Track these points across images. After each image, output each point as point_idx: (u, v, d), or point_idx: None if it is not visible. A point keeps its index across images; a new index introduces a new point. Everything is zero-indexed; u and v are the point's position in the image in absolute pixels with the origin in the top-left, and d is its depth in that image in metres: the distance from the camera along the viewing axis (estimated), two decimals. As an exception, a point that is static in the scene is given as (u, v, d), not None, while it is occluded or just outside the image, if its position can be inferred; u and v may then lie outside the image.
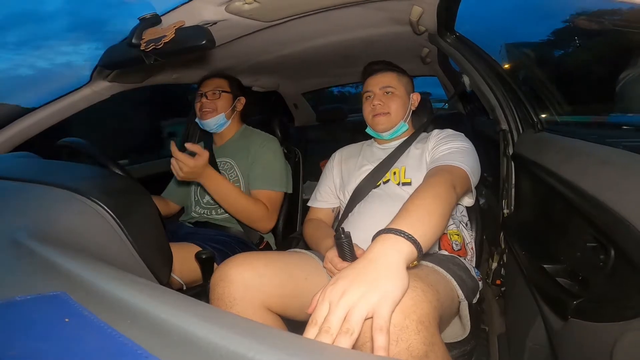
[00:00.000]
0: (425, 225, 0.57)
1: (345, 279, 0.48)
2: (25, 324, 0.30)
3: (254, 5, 0.87)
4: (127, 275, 0.38)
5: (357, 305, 0.45)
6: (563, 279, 0.64)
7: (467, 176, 0.83)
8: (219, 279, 0.74)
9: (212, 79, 1.33)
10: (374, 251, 0.52)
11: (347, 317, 0.44)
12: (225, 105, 1.30)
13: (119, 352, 0.26)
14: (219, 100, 1.28)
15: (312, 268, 0.87)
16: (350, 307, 0.45)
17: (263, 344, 0.25)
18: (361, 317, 0.44)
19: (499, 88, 1.06)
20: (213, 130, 1.32)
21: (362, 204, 0.99)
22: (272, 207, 1.23)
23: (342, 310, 0.44)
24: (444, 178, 0.75)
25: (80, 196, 0.53)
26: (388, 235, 0.54)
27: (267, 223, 1.22)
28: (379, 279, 0.48)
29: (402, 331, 0.50)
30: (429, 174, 0.82)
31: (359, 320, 0.44)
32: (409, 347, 0.50)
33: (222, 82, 1.32)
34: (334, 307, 0.45)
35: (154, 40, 0.82)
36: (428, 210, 0.61)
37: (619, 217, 0.48)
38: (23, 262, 0.40)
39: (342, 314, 0.44)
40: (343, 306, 0.45)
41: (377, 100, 1.04)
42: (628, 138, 0.93)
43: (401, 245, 0.53)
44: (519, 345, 0.84)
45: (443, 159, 0.87)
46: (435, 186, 0.71)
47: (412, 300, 0.53)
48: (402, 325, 0.51)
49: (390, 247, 0.52)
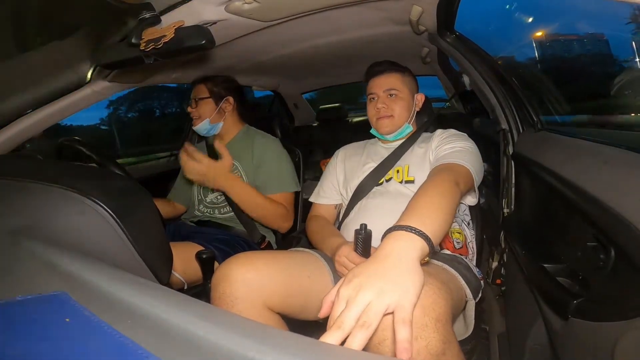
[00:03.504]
0: (434, 222, 0.57)
1: (360, 276, 0.47)
2: (25, 323, 0.30)
3: (254, 5, 0.87)
4: (128, 275, 0.38)
5: (375, 301, 0.43)
6: (563, 279, 0.64)
7: (470, 174, 0.84)
8: (220, 279, 0.74)
9: (195, 85, 1.33)
10: (387, 248, 0.52)
11: (364, 311, 0.42)
12: (207, 110, 1.29)
13: (120, 352, 0.26)
14: (199, 108, 1.29)
15: (314, 267, 0.87)
16: (367, 303, 0.43)
17: (263, 344, 0.25)
18: (380, 312, 0.42)
19: (499, 88, 1.06)
20: (204, 134, 1.34)
21: (365, 201, 1.00)
22: (290, 207, 1.26)
23: (360, 307, 0.43)
24: (448, 176, 0.75)
25: (81, 196, 0.53)
26: (400, 232, 0.54)
27: (287, 222, 1.25)
28: (397, 274, 0.46)
29: (421, 329, 0.50)
30: (433, 171, 0.83)
31: (377, 315, 0.42)
32: (428, 345, 0.50)
33: (200, 88, 1.31)
34: (352, 304, 0.43)
35: (153, 40, 0.81)
36: (435, 207, 0.62)
37: (619, 216, 0.48)
38: (23, 262, 0.40)
39: (359, 310, 0.43)
40: (361, 302, 0.43)
41: (381, 103, 1.03)
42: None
43: (414, 242, 0.52)
44: (519, 345, 0.84)
45: (446, 158, 0.87)
46: (440, 183, 0.71)
47: (430, 298, 0.53)
48: (422, 323, 0.51)
49: (403, 243, 0.52)
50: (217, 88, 1.32)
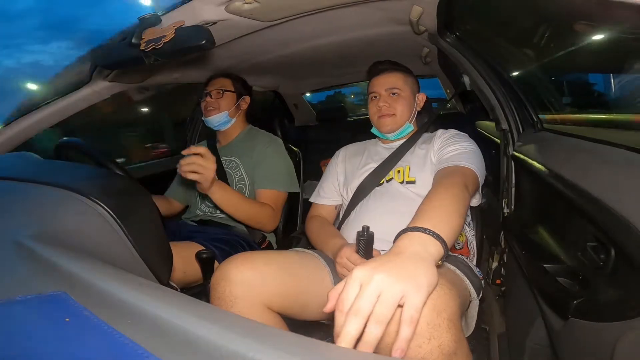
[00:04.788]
0: (447, 225, 0.57)
1: (374, 263, 0.45)
2: (25, 323, 0.30)
3: (254, 5, 0.87)
4: (127, 275, 0.38)
5: (389, 288, 0.41)
6: (563, 279, 0.64)
7: (476, 177, 0.84)
8: (219, 278, 0.74)
9: (217, 78, 1.36)
10: (402, 246, 0.51)
11: (378, 300, 0.41)
12: (228, 103, 1.33)
13: (119, 352, 0.26)
14: (222, 99, 1.32)
15: (313, 267, 0.87)
16: (382, 289, 0.41)
17: (263, 344, 0.25)
18: (394, 301, 0.41)
19: (499, 88, 1.06)
20: (216, 127, 1.34)
21: (365, 201, 1.00)
22: (277, 207, 1.26)
23: (374, 292, 0.41)
24: (458, 179, 0.76)
25: (81, 196, 0.53)
26: (415, 232, 0.53)
27: (272, 224, 1.25)
28: (413, 268, 0.45)
29: (434, 329, 0.50)
30: (441, 174, 0.83)
31: (391, 306, 0.41)
32: (441, 345, 0.50)
33: (226, 81, 1.35)
34: (366, 286, 0.42)
35: (153, 40, 0.82)
36: (448, 211, 0.62)
37: (619, 216, 0.48)
38: (23, 262, 0.40)
39: (374, 295, 0.41)
40: (375, 287, 0.41)
41: (383, 101, 1.04)
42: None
43: (430, 243, 0.52)
44: (519, 345, 0.84)
45: (452, 160, 0.87)
46: (452, 187, 0.71)
47: (442, 298, 0.53)
48: (435, 323, 0.50)
49: (418, 243, 0.51)
50: (238, 85, 1.36)
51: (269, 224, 1.24)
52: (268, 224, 1.23)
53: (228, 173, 1.29)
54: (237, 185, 1.28)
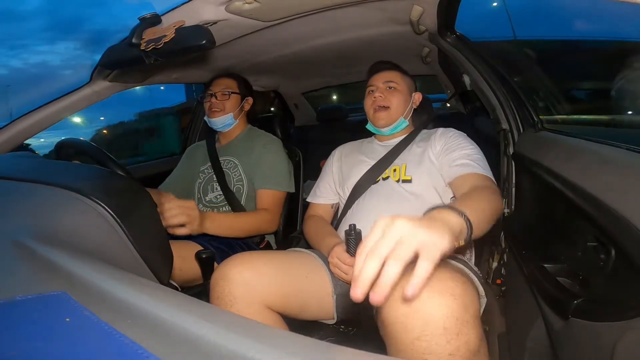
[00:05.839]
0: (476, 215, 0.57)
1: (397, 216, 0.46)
2: (25, 323, 0.30)
3: (254, 5, 0.87)
4: (128, 275, 0.38)
5: (410, 233, 0.42)
6: (564, 279, 0.64)
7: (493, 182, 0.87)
8: (219, 278, 0.74)
9: (221, 79, 1.34)
10: (429, 213, 0.51)
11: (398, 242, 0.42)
12: (233, 105, 1.32)
13: (119, 352, 0.26)
14: (227, 101, 1.30)
15: (312, 267, 0.87)
16: (403, 234, 0.42)
17: (263, 343, 0.25)
18: (414, 246, 0.42)
19: (499, 87, 1.06)
20: (219, 128, 1.33)
21: (361, 200, 1.00)
22: (276, 207, 1.25)
23: (396, 235, 0.42)
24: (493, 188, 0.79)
25: (81, 196, 0.53)
26: (442, 208, 0.53)
27: (273, 226, 1.24)
28: (435, 225, 0.45)
29: (463, 325, 0.50)
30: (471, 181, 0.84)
31: (411, 247, 0.41)
32: (467, 342, 0.50)
33: (231, 82, 1.34)
34: (387, 231, 0.43)
35: (154, 40, 0.82)
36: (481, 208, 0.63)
37: (619, 216, 0.48)
38: (23, 262, 0.40)
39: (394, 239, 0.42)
40: (397, 230, 0.43)
41: (379, 92, 1.05)
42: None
43: (454, 218, 0.52)
44: (520, 345, 0.84)
45: (472, 167, 0.88)
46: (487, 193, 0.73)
47: (468, 295, 0.53)
48: (463, 319, 0.50)
49: (443, 214, 0.51)
50: (242, 86, 1.35)
51: (270, 227, 1.24)
52: (269, 227, 1.23)
53: (226, 173, 1.29)
54: (235, 185, 1.28)
